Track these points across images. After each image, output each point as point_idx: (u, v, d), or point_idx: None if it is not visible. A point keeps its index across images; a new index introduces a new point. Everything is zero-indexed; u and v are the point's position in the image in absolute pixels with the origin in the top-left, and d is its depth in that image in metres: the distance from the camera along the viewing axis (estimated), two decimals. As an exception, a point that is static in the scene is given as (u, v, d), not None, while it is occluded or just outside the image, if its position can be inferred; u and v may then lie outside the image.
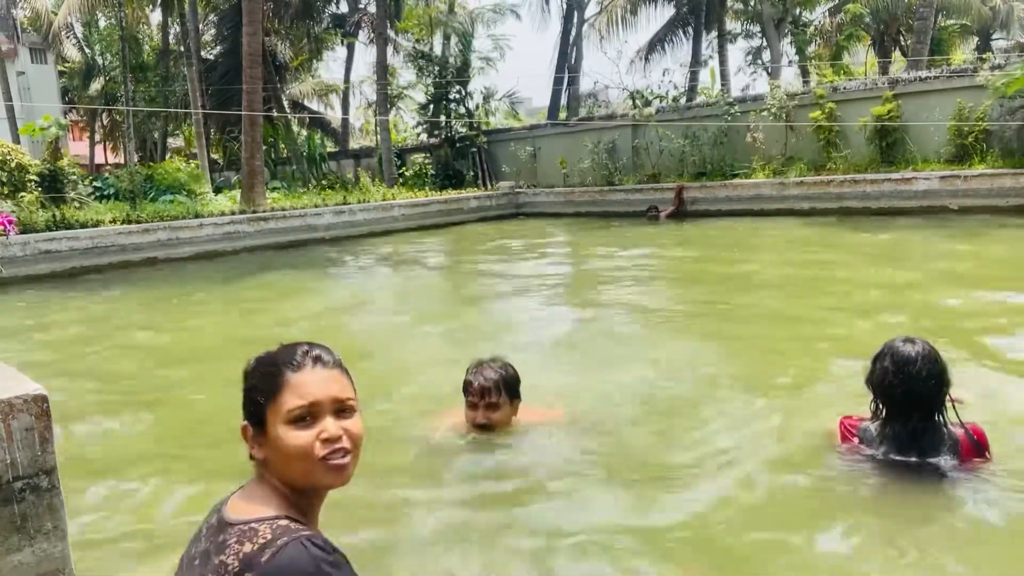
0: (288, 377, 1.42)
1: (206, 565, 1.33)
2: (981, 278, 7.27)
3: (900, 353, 2.88)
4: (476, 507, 3.03)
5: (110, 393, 5.13)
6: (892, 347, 2.93)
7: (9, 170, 13.48)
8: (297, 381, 1.41)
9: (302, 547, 1.27)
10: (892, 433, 2.91)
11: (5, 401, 1.68)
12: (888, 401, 2.91)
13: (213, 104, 22.19)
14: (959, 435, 2.88)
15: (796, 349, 5.18)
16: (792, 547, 2.65)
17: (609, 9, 27.75)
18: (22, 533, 1.72)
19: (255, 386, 1.44)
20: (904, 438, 2.87)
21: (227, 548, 1.31)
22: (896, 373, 2.85)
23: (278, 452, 1.40)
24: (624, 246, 11.84)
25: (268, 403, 1.41)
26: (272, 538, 1.29)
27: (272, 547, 1.27)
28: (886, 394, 2.90)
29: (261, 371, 1.45)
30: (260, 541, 1.29)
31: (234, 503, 1.42)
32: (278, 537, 1.29)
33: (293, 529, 1.32)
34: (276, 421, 1.40)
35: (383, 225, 16.18)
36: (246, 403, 1.44)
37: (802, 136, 15.17)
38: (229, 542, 1.32)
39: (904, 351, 2.88)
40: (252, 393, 1.44)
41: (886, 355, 2.92)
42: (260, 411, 1.42)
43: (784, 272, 8.68)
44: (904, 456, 2.88)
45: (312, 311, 8.07)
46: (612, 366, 5.01)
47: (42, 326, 7.95)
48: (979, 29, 25.78)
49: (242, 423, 1.45)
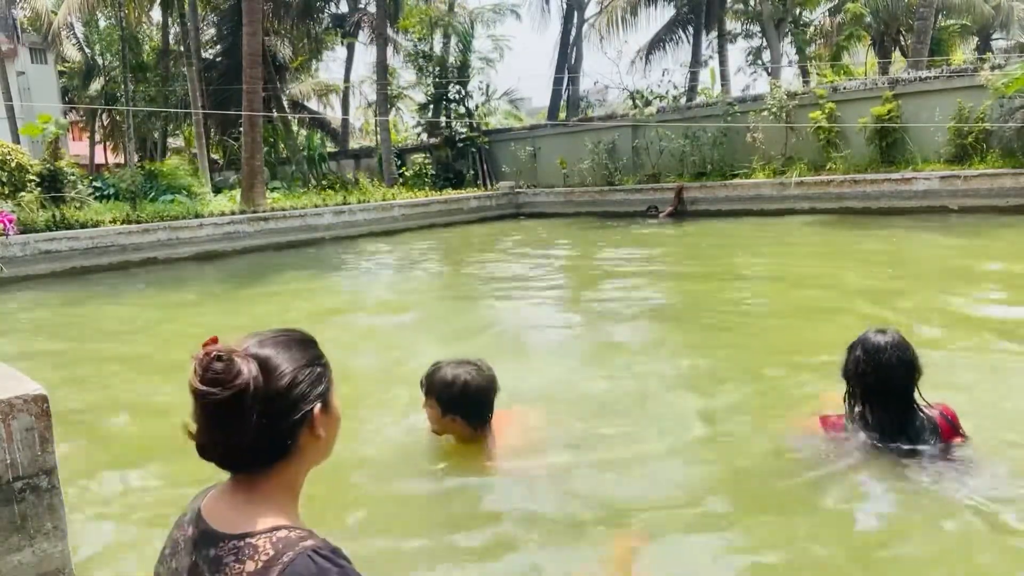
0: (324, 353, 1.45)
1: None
2: (980, 277, 7.27)
3: (871, 342, 2.97)
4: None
5: (110, 393, 5.13)
6: (864, 337, 3.02)
7: (9, 170, 13.48)
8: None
9: (309, 560, 1.23)
10: (875, 422, 2.97)
11: (5, 401, 1.69)
12: (863, 390, 2.99)
13: (213, 103, 22.19)
14: (936, 418, 2.96)
15: (789, 350, 5.17)
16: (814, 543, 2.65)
17: (609, 9, 27.75)
18: (22, 533, 1.72)
19: (322, 365, 1.42)
20: (887, 425, 2.94)
21: (224, 567, 1.24)
22: (868, 362, 2.94)
23: (335, 423, 1.43)
24: (623, 246, 11.85)
25: (330, 379, 1.43)
26: (275, 554, 1.23)
27: (277, 565, 1.22)
28: (861, 383, 2.98)
29: (315, 356, 1.42)
30: (263, 559, 1.23)
31: (216, 511, 1.34)
32: (281, 553, 1.23)
33: (294, 540, 1.26)
34: (334, 394, 1.43)
35: (383, 225, 16.18)
36: (317, 386, 1.37)
37: (802, 136, 15.17)
38: (226, 560, 1.25)
39: (875, 340, 2.96)
40: (327, 370, 1.42)
41: (858, 345, 3.02)
42: (330, 387, 1.42)
43: (783, 271, 8.68)
44: (892, 443, 2.94)
45: (312, 311, 8.07)
46: (601, 365, 5.01)
47: (42, 326, 7.96)
48: (979, 29, 25.78)
49: (317, 407, 1.36)
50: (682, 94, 19.40)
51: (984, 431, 3.11)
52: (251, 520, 1.29)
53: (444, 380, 3.26)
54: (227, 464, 1.36)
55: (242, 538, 1.26)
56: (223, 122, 23.52)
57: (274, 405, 1.30)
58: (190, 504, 1.43)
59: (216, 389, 1.27)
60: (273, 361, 1.32)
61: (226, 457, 1.35)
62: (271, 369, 1.31)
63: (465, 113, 21.86)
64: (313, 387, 1.36)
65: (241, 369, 1.27)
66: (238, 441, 1.30)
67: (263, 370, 1.30)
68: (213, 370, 1.28)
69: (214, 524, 1.31)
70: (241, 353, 1.30)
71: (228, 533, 1.28)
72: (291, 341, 1.38)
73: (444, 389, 3.25)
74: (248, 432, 1.29)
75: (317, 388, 1.37)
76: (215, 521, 1.32)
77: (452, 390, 3.23)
